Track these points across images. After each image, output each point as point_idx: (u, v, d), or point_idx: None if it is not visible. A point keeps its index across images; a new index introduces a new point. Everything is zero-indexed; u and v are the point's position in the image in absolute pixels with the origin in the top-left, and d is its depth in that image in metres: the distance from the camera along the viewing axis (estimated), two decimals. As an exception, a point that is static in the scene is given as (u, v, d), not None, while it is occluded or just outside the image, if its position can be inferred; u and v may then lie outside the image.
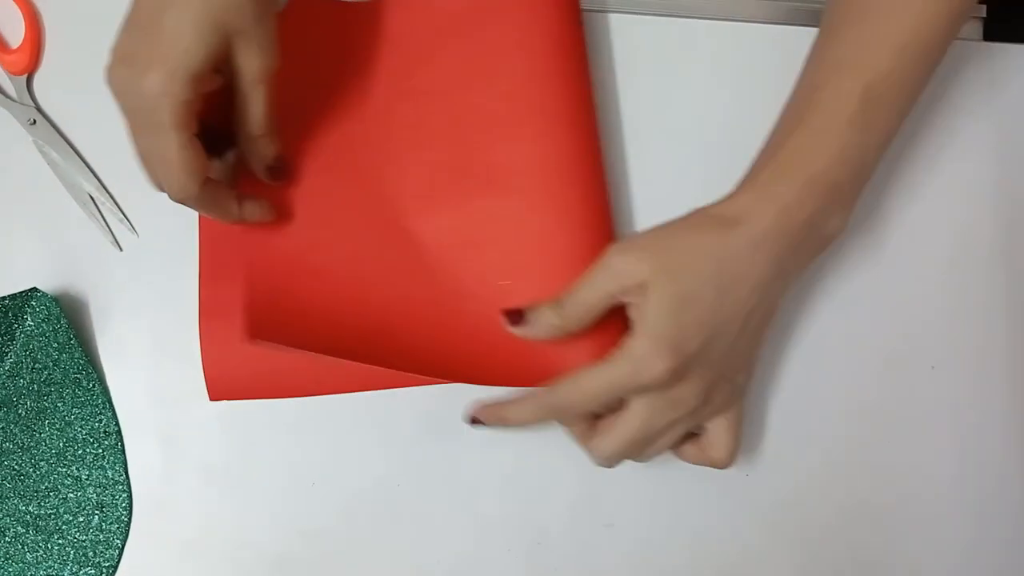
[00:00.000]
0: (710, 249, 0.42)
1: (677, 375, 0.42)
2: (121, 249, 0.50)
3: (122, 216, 0.51)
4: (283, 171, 0.48)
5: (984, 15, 0.55)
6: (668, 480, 0.49)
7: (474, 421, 0.46)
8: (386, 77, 0.51)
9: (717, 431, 0.45)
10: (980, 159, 0.53)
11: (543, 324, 0.44)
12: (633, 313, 0.43)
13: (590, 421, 0.45)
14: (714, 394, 0.44)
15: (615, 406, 0.44)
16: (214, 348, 0.49)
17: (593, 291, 0.43)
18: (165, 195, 0.50)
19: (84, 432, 0.48)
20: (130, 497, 0.48)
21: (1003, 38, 0.55)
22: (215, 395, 0.48)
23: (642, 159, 0.51)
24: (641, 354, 0.41)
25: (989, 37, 0.55)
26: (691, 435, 0.46)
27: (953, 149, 0.53)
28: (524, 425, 0.46)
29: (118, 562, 0.47)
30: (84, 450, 0.48)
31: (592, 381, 0.42)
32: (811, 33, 0.47)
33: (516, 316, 0.45)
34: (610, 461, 0.45)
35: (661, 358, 0.41)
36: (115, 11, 0.52)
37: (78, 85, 0.52)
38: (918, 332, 0.51)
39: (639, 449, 0.44)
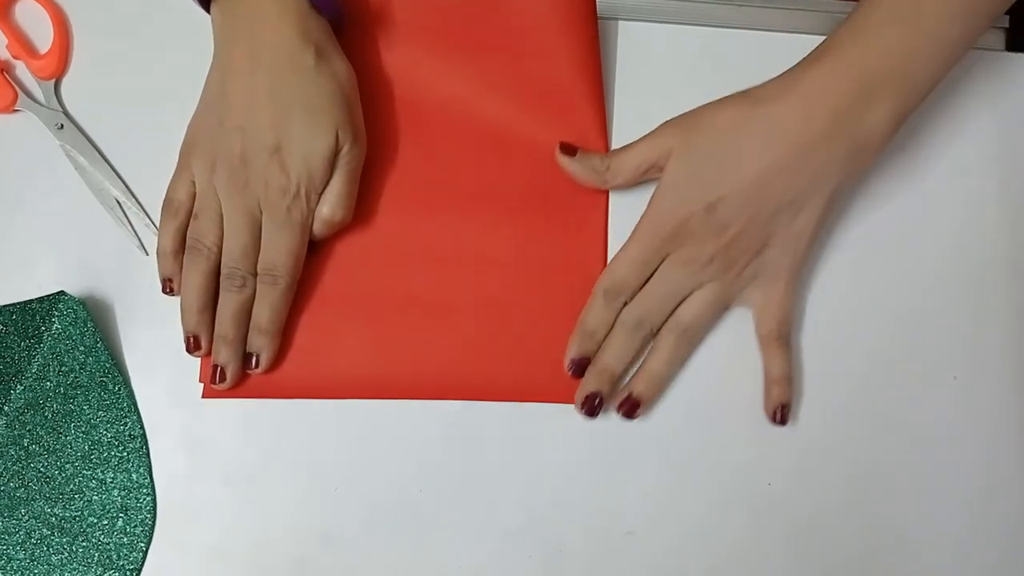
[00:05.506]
0: (728, 122, 0.46)
1: (681, 234, 0.47)
2: (147, 253, 0.51)
3: (148, 220, 0.51)
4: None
5: (1007, 25, 0.55)
6: (689, 489, 0.49)
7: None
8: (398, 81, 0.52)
9: (757, 302, 0.49)
10: (1005, 171, 0.53)
11: (588, 165, 0.50)
12: (659, 179, 0.48)
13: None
14: (731, 261, 0.47)
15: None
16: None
17: (638, 155, 0.48)
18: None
19: (109, 435, 0.48)
20: (154, 500, 0.48)
21: (1027, 49, 0.55)
22: (208, 393, 0.49)
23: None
24: (649, 219, 0.48)
25: (1012, 48, 0.55)
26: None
27: (978, 160, 0.53)
28: (599, 327, 0.49)
29: (142, 565, 0.47)
30: (109, 453, 0.48)
31: (620, 255, 0.49)
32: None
33: (570, 150, 0.50)
34: (641, 321, 0.48)
35: (665, 220, 0.47)
36: (142, 17, 0.53)
37: (106, 90, 0.52)
38: (939, 343, 0.51)
39: (660, 304, 0.48)
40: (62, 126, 0.51)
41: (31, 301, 0.48)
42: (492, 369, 0.49)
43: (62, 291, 0.48)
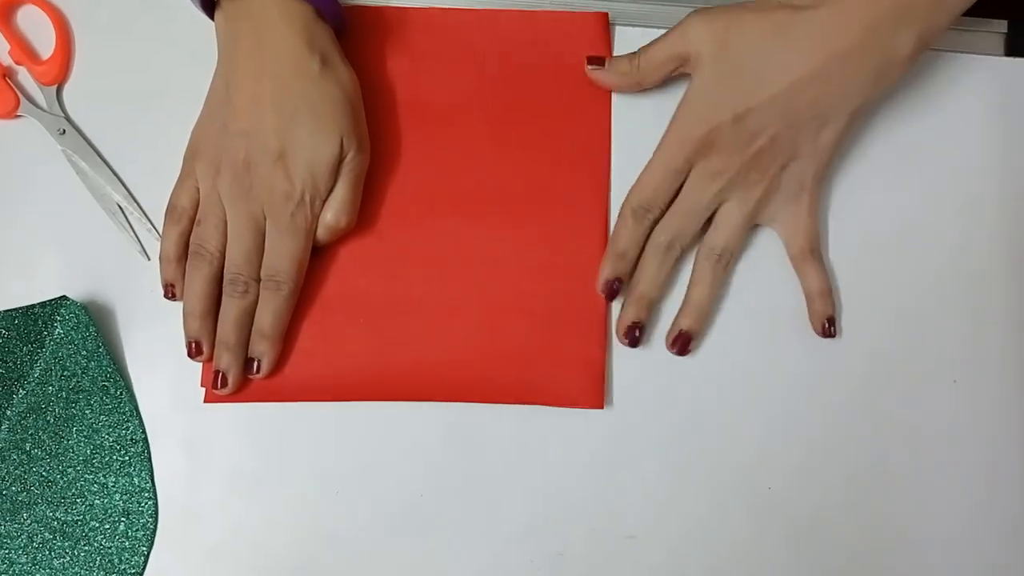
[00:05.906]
0: (767, 28, 0.46)
1: (708, 143, 0.47)
2: (149, 258, 0.51)
3: (150, 226, 0.51)
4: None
5: (1006, 30, 0.55)
6: (690, 492, 0.49)
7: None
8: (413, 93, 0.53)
9: (785, 221, 0.49)
10: (1005, 172, 0.53)
11: (617, 71, 0.50)
12: (689, 83, 0.49)
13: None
14: (758, 173, 0.48)
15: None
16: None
17: (665, 49, 0.49)
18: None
19: (111, 439, 0.48)
20: (156, 504, 0.48)
21: (1026, 53, 0.55)
22: (210, 398, 0.49)
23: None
24: (677, 128, 0.48)
25: (1011, 52, 0.55)
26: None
27: (978, 162, 0.53)
28: (630, 247, 0.49)
29: (143, 569, 0.48)
30: (111, 457, 0.48)
31: (648, 169, 0.49)
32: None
33: (597, 60, 0.51)
34: (672, 242, 0.49)
35: (693, 128, 0.47)
36: (144, 23, 0.54)
37: (107, 96, 0.53)
38: (939, 347, 0.51)
39: (689, 221, 0.49)
40: (64, 131, 0.52)
41: (33, 306, 0.48)
42: (494, 371, 0.49)
43: (64, 296, 0.49)
